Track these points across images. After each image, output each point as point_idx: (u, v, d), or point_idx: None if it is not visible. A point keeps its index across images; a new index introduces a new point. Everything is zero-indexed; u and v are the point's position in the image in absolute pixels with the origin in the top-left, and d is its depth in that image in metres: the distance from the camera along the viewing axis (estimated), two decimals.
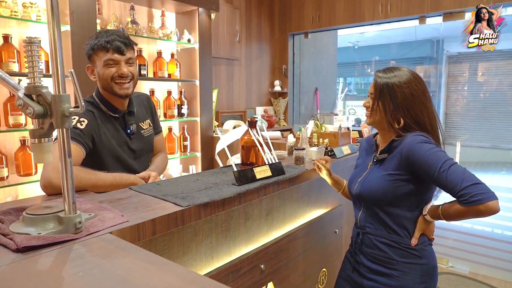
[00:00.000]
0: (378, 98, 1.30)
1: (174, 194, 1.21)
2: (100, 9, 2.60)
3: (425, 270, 1.30)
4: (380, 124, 1.34)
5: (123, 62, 1.46)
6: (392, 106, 1.28)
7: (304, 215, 1.76)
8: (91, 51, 1.45)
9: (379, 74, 1.31)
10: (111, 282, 0.65)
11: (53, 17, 0.82)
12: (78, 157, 1.32)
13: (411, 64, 6.97)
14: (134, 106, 1.60)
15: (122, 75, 1.45)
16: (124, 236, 0.93)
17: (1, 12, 2.05)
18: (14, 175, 2.22)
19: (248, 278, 1.37)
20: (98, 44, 1.43)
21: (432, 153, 1.18)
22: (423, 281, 1.29)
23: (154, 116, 1.73)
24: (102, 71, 1.44)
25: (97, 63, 1.46)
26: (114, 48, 1.42)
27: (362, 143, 1.57)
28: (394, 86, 1.27)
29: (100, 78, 1.46)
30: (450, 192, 1.16)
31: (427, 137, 1.25)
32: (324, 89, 5.30)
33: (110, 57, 1.43)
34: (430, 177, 1.19)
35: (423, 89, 1.28)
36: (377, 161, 1.36)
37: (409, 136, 1.25)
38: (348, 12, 3.80)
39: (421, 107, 1.27)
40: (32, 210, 0.90)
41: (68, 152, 0.87)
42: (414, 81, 1.27)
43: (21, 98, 0.85)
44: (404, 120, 1.27)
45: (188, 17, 3.10)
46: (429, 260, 1.31)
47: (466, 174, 1.13)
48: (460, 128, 6.20)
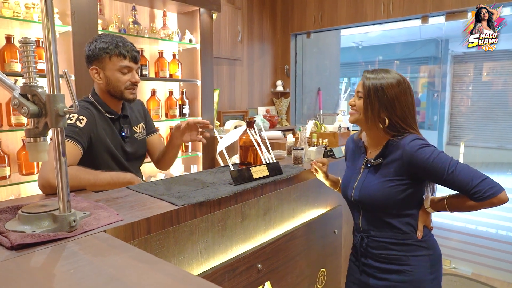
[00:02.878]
0: (365, 98, 1.32)
1: (170, 194, 1.22)
2: (102, 9, 2.62)
3: (433, 260, 1.33)
4: (365, 123, 1.35)
5: (135, 70, 1.54)
6: (378, 105, 1.30)
7: (302, 215, 1.76)
8: (103, 54, 1.45)
9: (367, 75, 1.34)
10: (101, 279, 0.66)
11: (47, 17, 0.83)
12: (76, 156, 1.33)
13: (416, 64, 6.93)
14: (127, 110, 1.63)
15: (136, 82, 1.53)
16: (119, 235, 0.94)
17: (4, 13, 2.07)
18: (16, 174, 2.24)
19: (244, 278, 1.37)
20: (116, 51, 1.46)
21: (435, 157, 1.22)
22: (433, 271, 1.32)
23: (147, 119, 1.76)
24: (115, 76, 1.49)
25: (108, 67, 1.47)
26: (132, 57, 1.51)
27: (348, 143, 1.58)
28: (382, 87, 1.29)
29: (110, 83, 1.49)
30: (460, 191, 1.22)
31: (422, 139, 1.29)
32: (327, 89, 5.29)
33: (127, 64, 1.49)
34: (438, 179, 1.24)
35: (407, 91, 1.32)
36: (371, 165, 1.37)
37: (405, 141, 1.27)
38: (350, 12, 3.79)
39: (404, 107, 1.30)
40: (28, 209, 0.91)
41: (63, 151, 0.88)
42: (399, 83, 1.30)
43: (16, 97, 0.86)
44: (389, 118, 1.30)
45: (190, 18, 3.11)
46: (435, 250, 1.36)
47: (472, 171, 1.20)
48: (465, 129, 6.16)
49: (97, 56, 1.47)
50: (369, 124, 1.33)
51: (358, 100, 1.36)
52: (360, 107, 1.34)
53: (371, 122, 1.32)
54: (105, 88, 1.51)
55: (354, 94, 1.39)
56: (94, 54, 1.47)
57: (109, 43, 1.46)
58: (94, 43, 1.48)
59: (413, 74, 7.04)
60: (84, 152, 1.38)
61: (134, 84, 1.54)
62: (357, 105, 1.36)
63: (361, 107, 1.34)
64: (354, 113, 1.38)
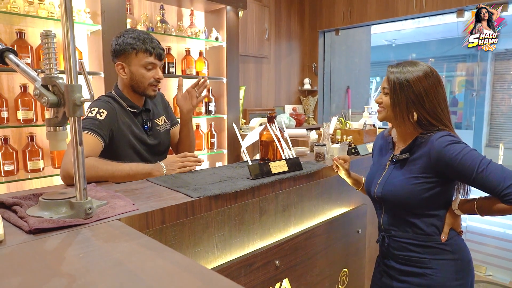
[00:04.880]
0: (392, 93, 1.26)
1: (187, 186, 1.23)
2: (131, 9, 2.70)
3: (460, 266, 1.24)
4: (394, 120, 1.29)
5: (158, 67, 1.57)
6: (405, 100, 1.23)
7: (324, 213, 1.72)
8: (130, 50, 1.48)
9: (391, 69, 1.27)
10: (107, 264, 0.66)
11: (66, 10, 0.85)
12: (96, 148, 1.36)
13: (453, 62, 6.63)
14: (149, 104, 1.65)
15: (159, 79, 1.57)
16: (133, 224, 0.95)
17: (40, 13, 2.17)
18: (49, 167, 2.35)
19: (262, 273, 1.35)
20: (142, 47, 1.49)
21: (465, 154, 1.13)
22: (459, 277, 1.24)
23: (169, 112, 1.78)
24: (140, 72, 1.52)
25: (134, 62, 1.51)
26: (157, 54, 1.54)
27: (377, 139, 1.52)
28: (407, 80, 1.22)
29: (134, 78, 1.52)
30: (491, 192, 1.12)
31: (454, 135, 1.20)
32: (357, 87, 5.17)
33: (152, 61, 1.52)
34: (467, 179, 1.15)
35: (436, 84, 1.23)
36: (397, 161, 1.30)
37: (435, 137, 1.20)
38: (381, 7, 3.67)
39: (434, 101, 1.22)
40: (48, 196, 0.95)
41: (80, 140, 0.90)
42: (427, 75, 1.22)
43: (37, 88, 0.90)
44: (418, 114, 1.23)
45: (216, 16, 3.14)
46: (462, 255, 1.26)
47: (506, 172, 1.10)
48: (507, 130, 5.82)
49: (124, 51, 1.50)
50: (398, 121, 1.27)
51: (384, 97, 1.30)
52: (387, 104, 1.29)
53: (400, 119, 1.26)
54: (128, 83, 1.54)
55: (380, 91, 1.33)
56: (121, 48, 1.50)
57: (136, 39, 1.49)
58: (121, 37, 1.50)
59: (449, 73, 6.74)
60: (105, 145, 1.41)
61: (157, 81, 1.56)
62: (384, 102, 1.30)
63: (388, 104, 1.28)
64: (382, 110, 1.32)
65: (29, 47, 2.18)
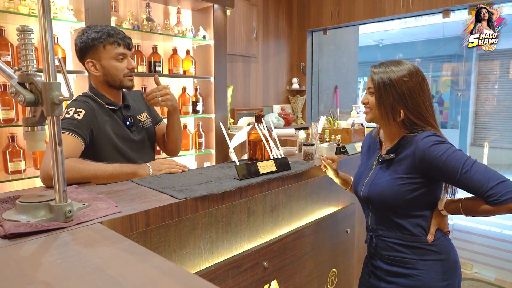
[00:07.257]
0: (376, 93, 1.25)
1: (173, 187, 1.20)
2: (116, 6, 2.64)
3: (446, 266, 1.24)
4: (381, 120, 1.28)
5: (129, 56, 1.53)
6: (390, 100, 1.22)
7: (312, 213, 1.71)
8: (97, 44, 1.44)
9: (374, 69, 1.26)
10: (86, 270, 0.63)
11: (43, 3, 0.81)
12: (77, 148, 1.32)
13: (438, 62, 6.72)
14: (128, 100, 1.61)
15: (133, 69, 1.53)
16: (116, 227, 0.92)
17: (20, 9, 2.10)
18: (31, 169, 2.28)
19: (250, 275, 1.33)
20: (109, 39, 1.45)
21: (450, 155, 1.12)
22: (446, 277, 1.23)
23: (151, 109, 1.73)
24: (113, 64, 1.47)
25: (104, 56, 1.46)
26: (126, 44, 1.50)
27: (366, 139, 1.51)
28: (391, 80, 1.21)
29: (108, 72, 1.47)
30: (475, 193, 1.11)
31: (439, 135, 1.19)
32: (345, 87, 5.18)
33: (122, 51, 1.48)
34: (451, 179, 1.14)
35: (421, 82, 1.22)
36: (383, 161, 1.30)
37: (420, 137, 1.19)
38: (368, 7, 3.69)
39: (418, 100, 1.21)
40: (25, 198, 0.90)
41: (59, 141, 0.87)
42: (411, 74, 1.21)
43: (13, 86, 0.86)
44: (404, 113, 1.22)
45: (204, 14, 3.10)
46: (449, 255, 1.25)
47: (490, 173, 1.08)
48: (490, 129, 5.92)
49: (91, 47, 1.44)
50: (384, 121, 1.26)
51: (370, 97, 1.29)
52: (373, 104, 1.27)
53: (385, 119, 1.25)
54: (103, 79, 1.49)
55: (366, 92, 1.32)
56: (87, 45, 1.45)
57: (101, 32, 1.44)
58: (85, 34, 1.45)
59: (435, 73, 6.82)
60: (86, 146, 1.37)
61: (132, 71, 1.53)
62: (370, 102, 1.29)
63: (374, 104, 1.27)
64: (369, 111, 1.31)
65: (9, 45, 2.11)
